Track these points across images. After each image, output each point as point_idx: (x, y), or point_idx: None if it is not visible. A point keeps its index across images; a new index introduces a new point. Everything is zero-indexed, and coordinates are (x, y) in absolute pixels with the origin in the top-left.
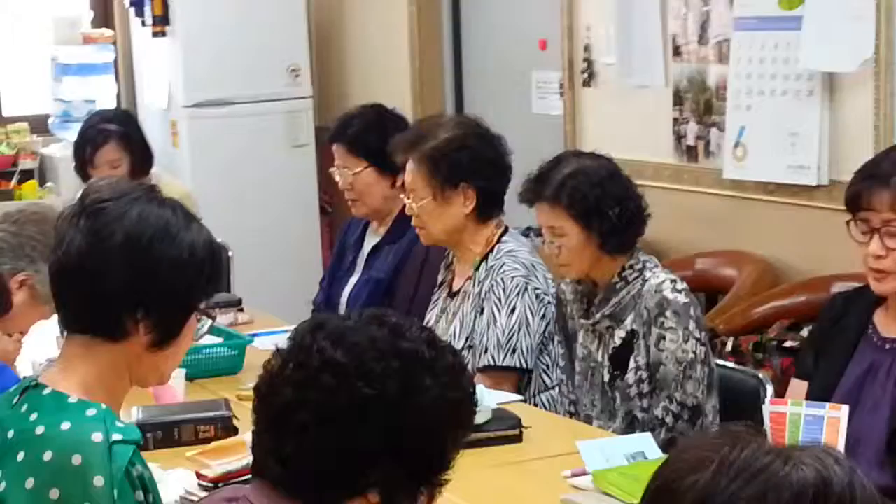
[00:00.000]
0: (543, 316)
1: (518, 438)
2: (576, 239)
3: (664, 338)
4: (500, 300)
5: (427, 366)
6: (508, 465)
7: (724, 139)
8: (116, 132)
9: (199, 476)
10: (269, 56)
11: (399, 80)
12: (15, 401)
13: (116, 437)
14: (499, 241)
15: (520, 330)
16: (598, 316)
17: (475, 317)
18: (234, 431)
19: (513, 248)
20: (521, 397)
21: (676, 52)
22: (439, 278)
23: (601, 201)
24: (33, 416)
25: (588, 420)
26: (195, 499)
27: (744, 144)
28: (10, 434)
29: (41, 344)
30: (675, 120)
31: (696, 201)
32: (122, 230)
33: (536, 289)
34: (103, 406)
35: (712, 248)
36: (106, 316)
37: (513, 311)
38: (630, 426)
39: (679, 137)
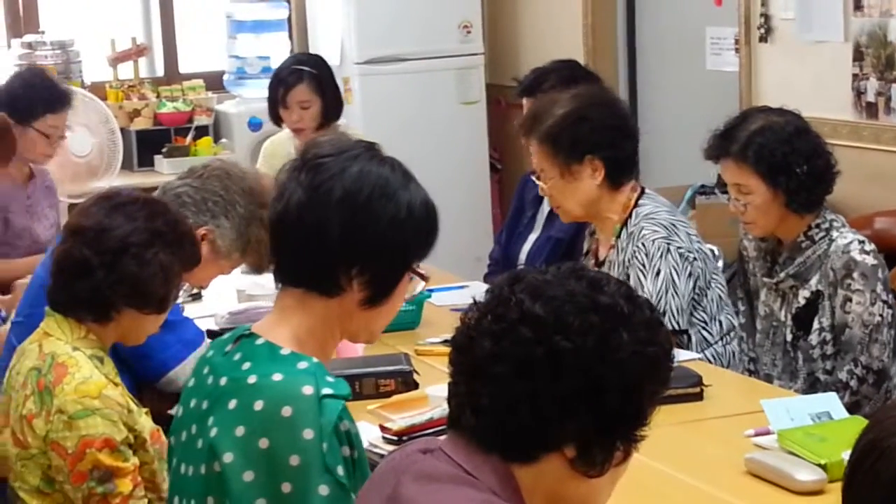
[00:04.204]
0: (690, 274)
1: (699, 396)
2: (762, 197)
3: (850, 300)
4: (643, 265)
5: (625, 320)
6: (690, 423)
7: None
8: (310, 73)
9: (383, 429)
10: (442, 12)
11: (571, 37)
12: (228, 348)
13: (326, 391)
14: (636, 204)
15: (667, 292)
16: (782, 275)
17: None
18: (415, 385)
19: (650, 211)
20: (700, 355)
21: (857, 5)
22: (584, 246)
23: (789, 158)
24: (246, 366)
25: (768, 379)
26: (380, 451)
27: None
28: (223, 381)
29: (222, 298)
30: (855, 76)
31: (875, 159)
32: (341, 186)
33: (679, 248)
34: (314, 360)
35: (892, 206)
36: (321, 271)
37: (657, 274)
38: (812, 387)
39: (858, 94)
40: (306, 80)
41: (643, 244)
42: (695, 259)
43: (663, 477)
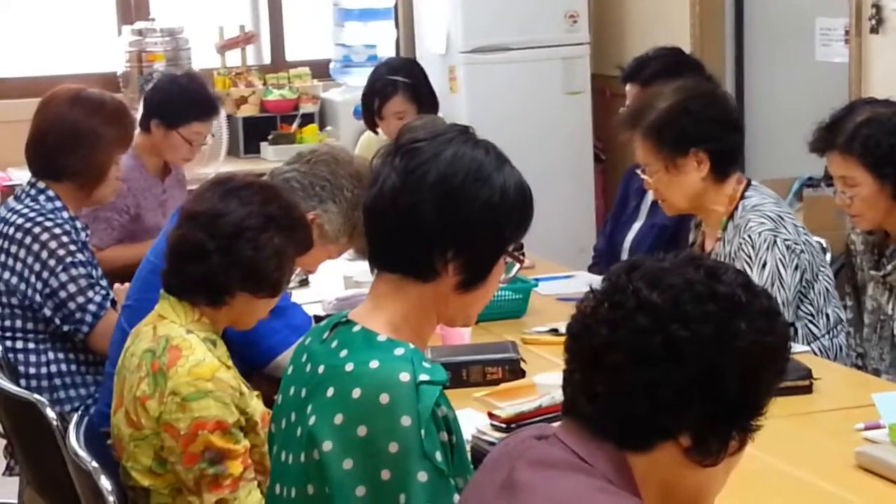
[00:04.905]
0: (797, 266)
1: (808, 389)
2: (868, 189)
3: None
4: (749, 257)
5: (743, 309)
6: (799, 415)
7: None
8: (404, 84)
9: (491, 416)
10: (548, 1)
11: (678, 27)
12: (325, 336)
13: (423, 377)
14: (742, 196)
15: (773, 285)
16: (889, 268)
17: None
18: (522, 374)
19: (757, 203)
20: (808, 348)
21: None
22: (690, 238)
23: (895, 150)
24: (343, 353)
25: (876, 374)
26: (489, 438)
27: None
28: (321, 369)
29: (330, 283)
30: None
31: None
32: (435, 170)
33: (786, 240)
34: (411, 346)
35: None
36: (416, 255)
37: (764, 266)
38: None
39: None
40: (401, 91)
41: (749, 236)
42: (802, 251)
43: (772, 469)
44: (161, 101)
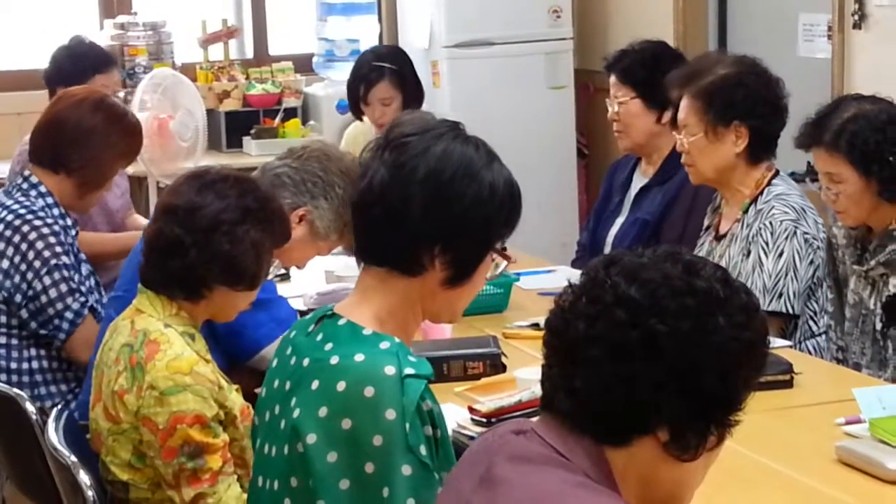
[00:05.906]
0: (812, 261)
1: (789, 384)
2: (854, 186)
3: None
4: (767, 244)
5: (721, 304)
6: (779, 410)
7: None
8: (390, 70)
9: (471, 411)
10: None
11: (661, 22)
12: (311, 329)
13: (409, 371)
14: (769, 184)
15: (787, 275)
16: (872, 263)
17: (741, 260)
18: (503, 368)
19: (783, 192)
20: (789, 343)
21: None
22: (705, 222)
23: (882, 147)
24: (328, 346)
25: (857, 368)
26: (469, 433)
27: None
28: (306, 362)
29: (311, 278)
30: None
31: None
32: (424, 165)
33: (805, 233)
34: (396, 340)
35: None
36: (404, 250)
37: (780, 255)
38: None
39: None
40: (387, 77)
41: (770, 222)
42: (819, 248)
43: (753, 464)
44: (57, 69)
